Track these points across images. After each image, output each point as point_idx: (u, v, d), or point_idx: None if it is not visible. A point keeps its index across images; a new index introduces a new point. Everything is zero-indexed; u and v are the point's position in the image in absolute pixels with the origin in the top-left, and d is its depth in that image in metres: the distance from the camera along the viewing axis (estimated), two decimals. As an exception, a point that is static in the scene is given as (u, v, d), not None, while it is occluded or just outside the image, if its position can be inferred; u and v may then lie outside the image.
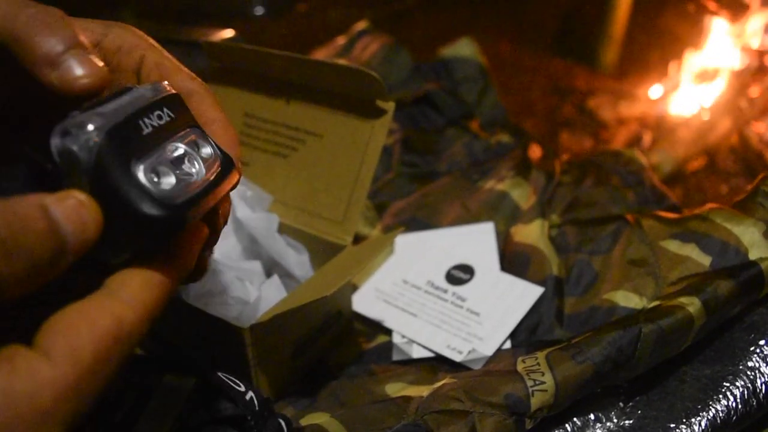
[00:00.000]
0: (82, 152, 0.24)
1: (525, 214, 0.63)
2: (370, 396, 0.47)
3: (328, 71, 0.53)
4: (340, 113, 0.53)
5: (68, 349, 0.22)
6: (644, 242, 0.54)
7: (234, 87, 0.58)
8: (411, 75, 0.87)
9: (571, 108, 1.24)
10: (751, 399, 0.45)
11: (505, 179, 0.67)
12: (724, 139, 1.13)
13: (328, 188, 0.53)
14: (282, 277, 0.53)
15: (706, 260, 0.50)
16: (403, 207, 0.67)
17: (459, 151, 0.74)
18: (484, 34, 1.12)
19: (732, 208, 0.53)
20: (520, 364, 0.45)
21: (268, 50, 0.53)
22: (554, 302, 0.54)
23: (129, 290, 0.24)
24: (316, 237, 0.53)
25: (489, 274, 0.58)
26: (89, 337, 0.22)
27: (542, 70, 1.33)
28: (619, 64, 1.34)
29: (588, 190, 0.65)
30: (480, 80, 0.85)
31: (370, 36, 0.94)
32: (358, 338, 0.56)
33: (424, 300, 0.56)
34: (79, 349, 0.22)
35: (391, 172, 0.72)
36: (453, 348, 0.52)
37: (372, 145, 0.52)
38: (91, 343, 0.22)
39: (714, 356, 0.48)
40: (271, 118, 0.56)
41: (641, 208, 0.63)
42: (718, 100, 1.15)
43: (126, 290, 0.24)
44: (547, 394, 0.42)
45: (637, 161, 0.69)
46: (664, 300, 0.47)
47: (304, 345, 0.51)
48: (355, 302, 0.57)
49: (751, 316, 0.49)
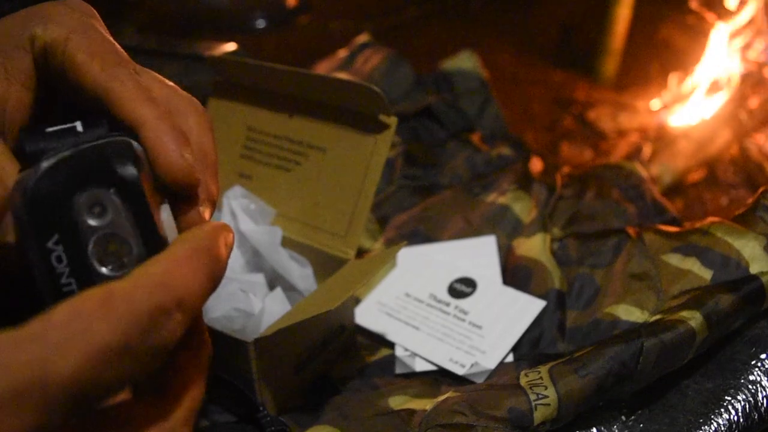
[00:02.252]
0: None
1: (527, 227, 0.63)
2: (373, 409, 0.48)
3: (331, 86, 0.53)
4: (343, 128, 0.53)
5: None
6: (645, 256, 0.55)
7: (237, 101, 0.58)
8: (412, 87, 0.88)
9: (571, 120, 1.24)
10: (752, 413, 0.45)
11: (507, 193, 0.67)
12: (724, 150, 1.13)
13: (331, 202, 0.54)
14: (285, 290, 0.53)
15: (708, 274, 0.51)
16: (406, 220, 0.67)
17: (460, 164, 0.75)
18: (484, 45, 1.13)
19: (733, 222, 0.53)
20: (522, 377, 0.45)
21: (271, 65, 0.53)
22: (556, 315, 0.54)
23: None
24: (319, 250, 0.54)
25: (491, 288, 0.58)
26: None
27: (542, 82, 1.33)
28: (619, 75, 1.34)
29: (589, 203, 0.66)
30: (481, 93, 0.86)
31: (372, 49, 0.94)
32: (361, 351, 0.56)
33: (426, 313, 0.57)
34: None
35: (393, 185, 0.72)
36: (456, 361, 0.52)
37: (375, 159, 0.52)
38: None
39: (715, 370, 0.48)
40: (274, 132, 0.57)
41: (642, 221, 0.63)
42: (718, 112, 1.15)
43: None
44: (550, 408, 0.42)
45: (638, 174, 0.69)
46: (665, 314, 0.47)
47: (308, 358, 0.51)
48: (357, 315, 0.57)
49: (753, 330, 0.49)
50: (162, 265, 0.23)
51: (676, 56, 1.27)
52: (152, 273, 0.23)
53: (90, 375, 0.21)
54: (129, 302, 0.22)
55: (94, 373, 0.21)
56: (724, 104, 1.16)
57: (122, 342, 0.21)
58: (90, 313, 0.21)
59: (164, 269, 0.23)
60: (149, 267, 0.23)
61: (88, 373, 0.21)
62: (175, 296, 0.23)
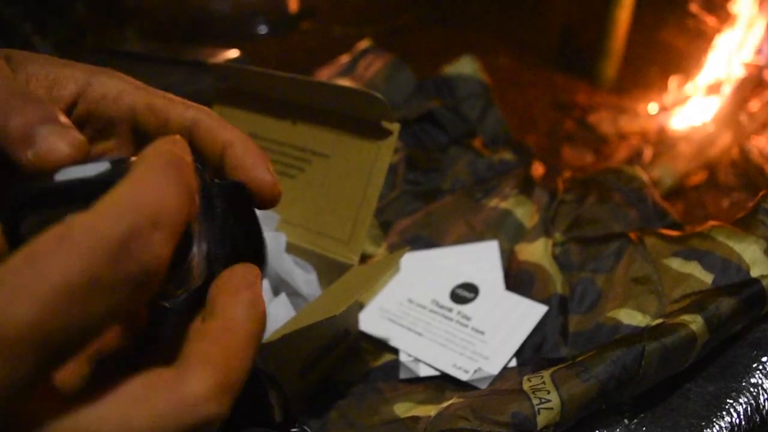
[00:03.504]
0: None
1: (529, 232, 0.63)
2: (379, 417, 0.48)
3: (334, 93, 0.54)
4: (346, 134, 0.54)
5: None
6: (647, 260, 0.55)
7: (240, 108, 0.59)
8: (414, 93, 0.88)
9: (572, 123, 1.25)
10: (754, 415, 0.46)
11: (509, 197, 0.67)
12: (724, 153, 1.14)
13: (334, 208, 0.54)
14: (289, 295, 0.53)
15: (709, 278, 0.51)
16: (408, 225, 0.68)
17: (462, 169, 0.75)
18: (484, 49, 1.13)
19: (733, 226, 0.53)
20: (525, 382, 0.45)
21: (274, 72, 0.54)
22: (559, 320, 0.55)
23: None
24: (323, 256, 0.54)
25: (493, 293, 0.58)
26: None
27: (543, 86, 1.34)
28: (619, 79, 1.35)
29: (590, 208, 0.66)
30: (482, 98, 0.86)
31: (373, 54, 0.95)
32: (365, 356, 0.56)
33: (429, 319, 0.57)
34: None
35: (396, 190, 0.73)
36: (459, 367, 0.52)
37: (378, 165, 0.52)
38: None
39: (717, 373, 0.48)
40: (278, 138, 0.57)
41: (643, 225, 0.64)
42: (718, 115, 1.16)
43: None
44: (553, 412, 0.42)
45: (639, 179, 0.70)
46: (667, 318, 0.48)
47: (312, 363, 0.51)
48: (360, 321, 0.57)
49: (754, 333, 0.49)
50: (126, 187, 0.21)
51: (676, 59, 1.27)
52: (116, 197, 0.21)
53: (53, 317, 0.19)
54: (90, 232, 0.20)
55: (57, 314, 0.19)
56: (725, 107, 1.16)
57: (87, 276, 0.19)
58: (45, 252, 0.19)
59: (129, 190, 0.21)
60: (112, 193, 0.21)
61: (50, 315, 0.19)
62: (148, 214, 0.21)
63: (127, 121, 0.31)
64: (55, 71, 0.30)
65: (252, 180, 0.30)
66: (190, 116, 0.31)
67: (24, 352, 0.19)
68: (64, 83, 0.30)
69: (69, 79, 0.30)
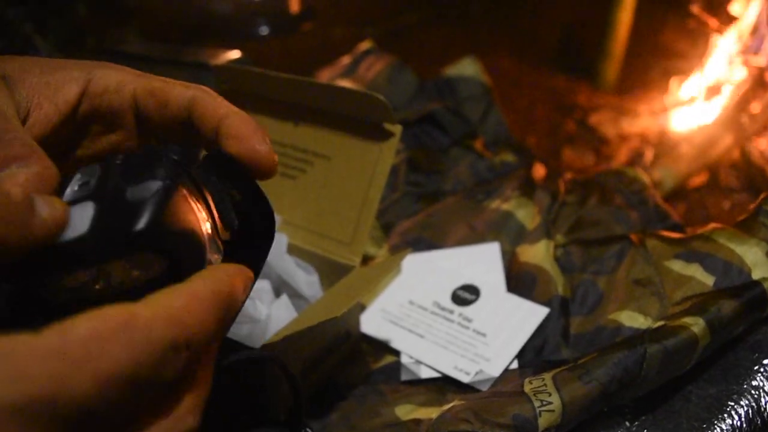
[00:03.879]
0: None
1: (530, 234, 0.63)
2: (380, 419, 0.48)
3: (336, 94, 0.54)
4: (348, 136, 0.54)
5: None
6: (648, 262, 0.55)
7: (242, 109, 0.59)
8: (415, 94, 0.88)
9: (573, 124, 1.24)
10: (755, 418, 0.46)
11: (510, 199, 0.67)
12: (725, 155, 1.14)
13: (336, 210, 0.54)
14: (291, 296, 0.53)
15: (710, 280, 0.51)
16: (410, 227, 0.68)
17: (464, 171, 0.75)
18: (485, 51, 1.13)
19: (735, 228, 0.53)
20: (527, 384, 0.45)
21: (276, 74, 0.54)
22: (560, 322, 0.55)
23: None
24: (325, 257, 0.54)
25: (495, 295, 0.58)
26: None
27: (544, 87, 1.34)
28: (620, 80, 1.34)
29: (592, 209, 0.66)
30: (483, 99, 0.86)
31: (375, 56, 0.95)
32: (366, 358, 0.56)
33: (430, 321, 0.57)
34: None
35: (397, 192, 0.73)
36: (460, 369, 0.52)
37: (380, 167, 0.52)
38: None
39: (719, 375, 0.48)
40: (280, 140, 0.57)
41: (645, 227, 0.64)
42: (719, 116, 1.16)
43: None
44: (555, 414, 0.42)
45: (640, 181, 0.70)
46: (668, 320, 0.48)
47: (314, 365, 0.51)
48: (362, 323, 0.57)
49: (755, 336, 0.49)
50: (182, 300, 0.23)
51: (677, 60, 1.27)
52: (172, 306, 0.23)
53: (99, 399, 0.20)
54: (148, 332, 0.21)
55: (103, 398, 0.20)
56: (726, 108, 1.16)
57: (134, 372, 0.21)
58: (110, 336, 0.20)
59: (183, 304, 0.23)
60: (170, 298, 0.23)
61: (98, 397, 0.20)
62: (188, 334, 0.23)
63: (130, 109, 0.32)
64: (53, 77, 0.30)
65: (247, 150, 0.30)
66: (189, 95, 0.31)
67: (66, 423, 0.20)
68: (65, 86, 0.30)
69: (69, 81, 0.30)
